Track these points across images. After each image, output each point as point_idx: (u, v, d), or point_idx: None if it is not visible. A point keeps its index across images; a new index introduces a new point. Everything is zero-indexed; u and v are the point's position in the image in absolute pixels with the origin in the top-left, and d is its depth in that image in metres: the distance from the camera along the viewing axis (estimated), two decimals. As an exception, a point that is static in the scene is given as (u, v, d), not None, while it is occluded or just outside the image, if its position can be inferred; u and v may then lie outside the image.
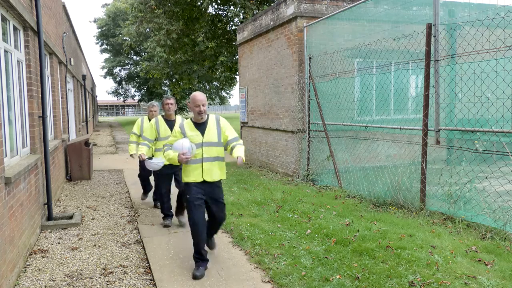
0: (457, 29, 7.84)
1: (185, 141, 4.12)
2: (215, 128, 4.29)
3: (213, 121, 4.32)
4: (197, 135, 4.23)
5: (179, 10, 17.98)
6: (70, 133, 11.77)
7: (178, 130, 4.31)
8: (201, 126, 4.27)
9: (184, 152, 4.07)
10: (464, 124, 5.79)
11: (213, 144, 4.23)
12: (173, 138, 4.36)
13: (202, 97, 4.21)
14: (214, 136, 4.25)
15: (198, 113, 4.20)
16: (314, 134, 8.98)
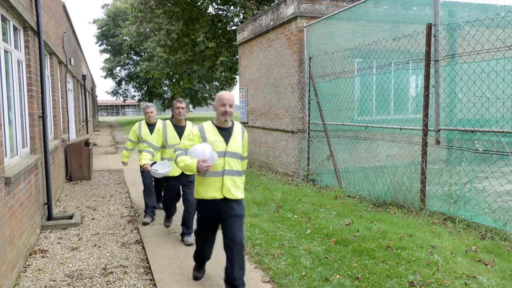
0: (457, 29, 7.84)
1: (207, 147, 3.42)
2: (240, 138, 3.62)
3: (238, 130, 3.65)
4: (220, 141, 3.51)
5: (179, 10, 17.99)
6: (70, 133, 11.77)
7: (197, 133, 3.58)
8: (225, 132, 3.57)
9: (205, 159, 3.34)
10: (464, 124, 5.79)
11: (237, 155, 3.55)
12: (189, 141, 3.61)
13: (230, 96, 3.53)
14: (238, 147, 3.57)
15: (222, 114, 3.49)
16: (314, 134, 8.98)
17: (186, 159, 3.48)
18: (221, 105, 3.49)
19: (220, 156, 3.48)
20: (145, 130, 6.24)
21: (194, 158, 3.41)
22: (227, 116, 3.49)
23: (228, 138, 3.55)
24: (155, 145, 5.28)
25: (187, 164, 3.44)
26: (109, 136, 24.66)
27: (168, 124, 5.23)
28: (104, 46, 46.22)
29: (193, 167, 3.40)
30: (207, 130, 3.58)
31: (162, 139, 5.25)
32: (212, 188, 3.52)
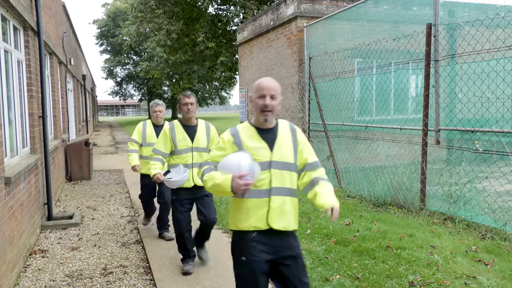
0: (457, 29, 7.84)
1: (244, 157, 2.41)
2: (290, 141, 2.57)
3: (286, 130, 2.61)
4: (263, 148, 2.50)
5: (179, 10, 18.00)
6: (70, 133, 11.77)
7: (229, 139, 2.55)
8: (268, 135, 2.55)
9: (242, 174, 2.32)
10: (464, 124, 5.79)
11: (288, 166, 2.52)
12: (219, 151, 2.58)
13: (271, 83, 2.54)
14: (289, 154, 2.54)
15: (261, 110, 2.48)
16: (314, 134, 8.97)
17: (215, 176, 2.42)
18: (259, 96, 2.48)
19: (264, 169, 2.45)
20: (151, 132, 5.47)
21: (227, 174, 2.38)
22: (267, 113, 2.47)
23: (272, 142, 2.53)
24: (163, 151, 4.23)
25: (218, 183, 2.38)
26: (109, 136, 24.67)
27: (176, 125, 4.22)
28: (104, 46, 46.24)
29: (226, 185, 2.33)
30: (244, 134, 2.55)
31: (170, 143, 4.20)
32: (253, 214, 2.47)
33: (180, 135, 4.18)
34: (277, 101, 2.54)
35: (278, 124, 2.63)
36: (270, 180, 2.47)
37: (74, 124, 13.79)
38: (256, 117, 2.56)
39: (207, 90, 43.63)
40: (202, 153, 4.19)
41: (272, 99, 2.50)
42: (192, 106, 4.16)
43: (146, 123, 5.55)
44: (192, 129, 4.23)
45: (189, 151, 4.18)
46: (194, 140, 4.19)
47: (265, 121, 2.51)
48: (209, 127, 4.31)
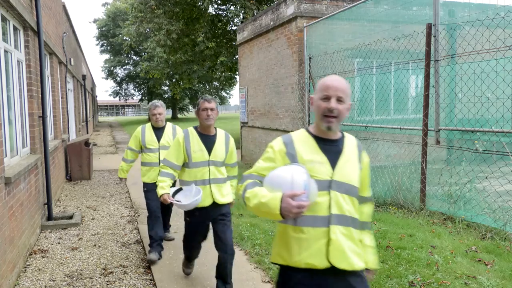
0: (457, 29, 7.84)
1: (299, 171, 1.89)
2: (356, 160, 2.07)
3: (353, 145, 2.10)
4: (322, 163, 1.99)
5: (179, 10, 18.00)
6: (70, 133, 11.77)
7: (280, 148, 2.04)
8: (330, 147, 2.03)
9: (296, 193, 1.79)
10: (464, 124, 5.79)
11: (350, 189, 2.00)
12: (266, 163, 2.07)
13: (338, 82, 1.98)
14: (353, 175, 2.03)
15: (324, 116, 1.96)
16: (314, 134, 8.97)
17: (261, 192, 1.90)
18: (323, 98, 1.96)
19: (323, 189, 1.93)
20: (151, 136, 4.86)
21: (276, 191, 1.85)
22: (331, 119, 1.95)
23: (336, 156, 2.00)
24: (174, 163, 3.64)
25: (263, 202, 1.85)
26: (109, 136, 24.67)
27: (191, 133, 3.65)
28: (104, 46, 46.25)
29: (274, 206, 1.80)
30: (299, 144, 2.03)
31: (183, 154, 3.61)
32: (309, 248, 1.93)
33: (195, 145, 3.60)
34: (345, 106, 1.97)
35: (345, 136, 2.10)
36: (329, 204, 1.94)
37: (74, 124, 13.80)
38: (316, 124, 2.03)
39: (207, 90, 43.63)
40: (219, 167, 3.65)
41: (339, 102, 1.95)
42: (212, 113, 3.55)
43: (145, 127, 4.95)
44: (210, 139, 3.63)
45: (206, 164, 3.58)
46: (211, 152, 3.58)
47: (328, 130, 1.98)
48: (228, 139, 3.74)
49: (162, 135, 4.87)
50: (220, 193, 3.66)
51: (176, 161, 3.64)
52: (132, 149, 4.99)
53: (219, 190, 3.66)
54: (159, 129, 4.90)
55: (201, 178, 3.60)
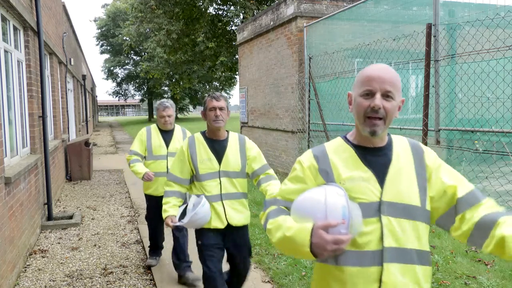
0: (457, 29, 7.84)
1: (334, 193, 1.45)
2: (413, 171, 1.56)
3: (403, 147, 1.62)
4: (368, 180, 1.52)
5: (179, 10, 18.00)
6: (70, 133, 11.78)
7: (310, 164, 1.60)
8: (376, 158, 1.57)
9: (331, 223, 1.37)
10: (464, 124, 5.79)
11: (408, 211, 1.51)
12: (294, 184, 1.63)
13: (387, 73, 1.53)
14: (410, 191, 1.53)
15: (365, 117, 1.51)
16: (314, 134, 8.98)
17: (286, 224, 1.50)
18: (364, 93, 1.51)
19: (371, 215, 1.48)
20: (158, 141, 4.13)
21: (306, 220, 1.44)
22: (376, 122, 1.49)
23: (384, 169, 1.53)
24: (180, 177, 3.00)
25: (289, 235, 1.45)
26: (109, 136, 24.67)
27: (197, 140, 3.00)
28: (104, 46, 46.26)
29: (303, 241, 1.40)
30: (336, 156, 1.58)
31: (189, 165, 2.97)
32: None
33: (202, 153, 2.94)
34: (395, 103, 1.53)
35: (393, 140, 1.61)
36: (381, 235, 1.46)
37: (74, 124, 13.80)
38: (357, 129, 1.56)
39: (207, 90, 43.64)
40: (234, 179, 2.95)
41: (386, 98, 1.49)
42: (222, 113, 2.89)
43: (151, 129, 4.22)
44: (220, 145, 2.96)
45: (215, 176, 2.91)
46: (222, 161, 2.93)
47: (372, 135, 1.49)
48: (244, 143, 3.03)
49: (171, 140, 4.15)
50: (234, 211, 2.94)
51: (180, 174, 2.98)
52: (137, 153, 4.17)
53: (233, 207, 2.94)
54: (167, 132, 4.18)
55: (211, 193, 2.91)
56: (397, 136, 1.66)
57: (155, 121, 5.37)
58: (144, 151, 4.19)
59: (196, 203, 2.83)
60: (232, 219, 2.93)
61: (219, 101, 2.89)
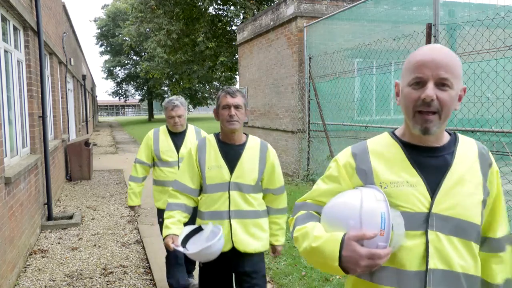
0: (457, 29, 7.85)
1: (371, 198, 1.24)
2: (475, 175, 1.31)
3: (469, 150, 1.34)
4: (416, 186, 1.27)
5: (179, 10, 18.01)
6: (70, 133, 11.78)
7: (346, 162, 1.40)
8: (430, 158, 1.30)
9: (367, 234, 1.16)
10: (464, 124, 5.79)
11: (462, 229, 1.26)
12: (326, 183, 1.43)
13: (441, 56, 1.21)
14: (469, 201, 1.27)
15: (414, 112, 1.25)
16: (314, 134, 8.98)
17: (313, 232, 1.30)
18: (414, 81, 1.25)
19: (416, 227, 1.26)
20: (167, 145, 3.58)
21: (337, 229, 1.25)
22: (428, 117, 1.23)
23: (439, 174, 1.29)
24: (189, 186, 2.48)
25: (315, 246, 1.26)
26: (109, 136, 24.67)
27: (208, 143, 2.50)
28: (104, 46, 46.27)
29: (332, 253, 1.21)
30: (377, 154, 1.37)
31: (199, 173, 2.48)
32: None
33: (212, 159, 2.43)
34: (453, 93, 1.23)
35: (458, 141, 1.34)
36: (425, 252, 1.23)
37: (74, 124, 13.80)
38: (406, 125, 1.33)
39: (207, 90, 43.66)
40: (247, 194, 2.41)
41: (441, 87, 1.22)
42: (238, 112, 2.37)
43: (159, 132, 3.65)
44: (235, 150, 2.44)
45: (224, 188, 2.40)
46: (235, 170, 2.40)
47: (425, 133, 1.25)
48: (266, 150, 2.49)
49: (182, 143, 3.58)
50: (246, 235, 2.40)
51: (190, 182, 2.46)
52: (142, 162, 3.63)
53: (245, 229, 2.40)
54: (178, 134, 3.62)
55: (217, 209, 2.41)
56: (465, 137, 1.37)
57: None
58: (151, 159, 3.63)
59: (211, 235, 2.30)
60: (240, 243, 2.38)
61: (234, 97, 2.38)
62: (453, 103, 1.24)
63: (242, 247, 2.39)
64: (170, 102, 3.53)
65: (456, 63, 1.23)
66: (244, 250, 2.39)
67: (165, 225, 2.42)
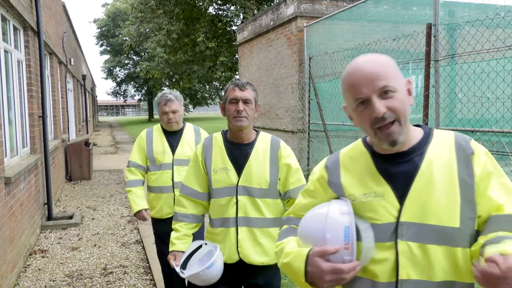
0: (457, 29, 7.85)
1: (335, 211, 1.22)
2: (449, 174, 1.19)
3: (441, 147, 1.23)
4: (383, 195, 1.22)
5: (179, 10, 18.02)
6: (70, 133, 11.78)
7: (320, 175, 1.38)
8: (398, 165, 1.23)
9: (328, 249, 1.15)
10: (464, 124, 5.79)
11: (439, 235, 1.16)
12: (305, 197, 1.43)
13: (371, 66, 1.19)
14: (442, 205, 1.17)
15: (375, 130, 1.19)
16: (314, 134, 8.98)
17: (286, 248, 1.32)
18: (357, 104, 1.21)
19: (382, 239, 1.20)
20: (161, 146, 3.17)
21: (307, 243, 1.25)
22: (389, 130, 1.17)
23: (407, 181, 1.21)
24: (197, 190, 2.26)
25: (285, 262, 1.29)
26: (109, 136, 24.67)
27: (215, 142, 2.25)
28: (104, 46, 46.27)
29: (298, 270, 1.22)
30: (347, 165, 1.34)
31: (205, 175, 2.25)
32: None
33: (218, 160, 2.19)
34: (400, 93, 1.19)
35: (429, 140, 1.25)
36: (396, 264, 1.18)
37: (74, 124, 13.80)
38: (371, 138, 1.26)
39: (207, 90, 43.66)
40: (258, 199, 2.15)
41: (384, 96, 1.17)
42: (247, 107, 2.11)
43: (153, 131, 3.25)
44: (243, 150, 2.18)
45: (232, 192, 2.15)
46: (243, 172, 2.15)
47: (393, 145, 1.19)
48: (277, 148, 2.20)
49: (178, 143, 3.19)
50: (253, 245, 2.14)
51: (198, 186, 2.24)
52: (138, 166, 3.23)
53: (252, 238, 2.15)
54: (174, 133, 3.22)
55: (225, 215, 2.17)
56: (442, 132, 1.26)
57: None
58: (145, 160, 3.22)
59: (206, 258, 2.12)
60: (247, 254, 2.13)
61: (243, 90, 2.11)
62: (406, 103, 1.20)
63: (250, 259, 2.13)
64: (163, 97, 3.13)
65: (386, 65, 1.19)
66: (250, 262, 2.13)
67: (171, 241, 2.24)
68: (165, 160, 3.14)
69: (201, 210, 2.28)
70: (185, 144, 3.19)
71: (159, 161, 3.15)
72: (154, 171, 3.19)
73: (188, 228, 2.24)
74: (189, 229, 2.24)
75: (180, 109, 3.16)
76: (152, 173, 3.21)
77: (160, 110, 3.16)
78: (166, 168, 3.15)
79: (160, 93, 3.20)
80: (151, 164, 3.20)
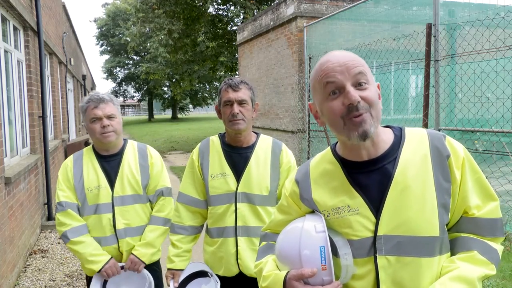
0: (457, 29, 7.85)
1: (310, 229, 1.14)
2: (430, 186, 1.12)
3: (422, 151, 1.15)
4: (358, 209, 1.15)
5: (180, 10, 18.02)
6: (70, 133, 11.78)
7: (292, 190, 1.30)
8: (370, 174, 1.15)
9: (305, 272, 1.10)
10: (464, 124, 5.80)
11: (418, 246, 1.11)
12: (280, 213, 1.35)
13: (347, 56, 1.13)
14: (421, 213, 1.11)
15: (345, 121, 1.10)
16: (314, 134, 8.98)
17: (264, 270, 1.26)
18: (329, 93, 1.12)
19: (360, 255, 1.15)
20: (93, 176, 2.23)
21: (284, 265, 1.19)
22: (360, 118, 1.08)
23: (382, 191, 1.14)
24: (196, 198, 2.12)
25: (264, 286, 1.23)
26: (109, 136, 24.63)
27: (212, 145, 2.10)
28: (104, 46, 46.27)
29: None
30: (317, 178, 1.25)
31: (202, 180, 2.09)
32: None
33: (216, 165, 2.04)
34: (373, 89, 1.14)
35: (402, 143, 1.17)
36: (376, 279, 1.13)
37: (74, 124, 13.80)
38: (340, 141, 1.21)
39: (207, 90, 43.67)
40: (259, 207, 2.00)
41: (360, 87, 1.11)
42: (243, 109, 1.95)
43: (82, 156, 2.29)
44: (242, 154, 2.03)
45: (231, 200, 2.01)
46: (241, 178, 2.00)
47: (365, 138, 1.10)
48: (279, 151, 2.06)
49: (118, 171, 2.26)
50: (253, 256, 1.97)
51: (196, 193, 2.08)
52: (70, 206, 2.21)
53: (254, 249, 2.00)
54: (111, 157, 2.29)
55: (223, 224, 2.02)
56: (414, 133, 1.18)
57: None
58: (75, 197, 2.23)
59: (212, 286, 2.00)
60: (248, 266, 1.98)
61: (237, 91, 1.94)
62: (378, 100, 1.11)
63: (249, 271, 1.97)
64: (90, 99, 2.18)
65: (362, 60, 1.13)
66: (251, 274, 1.97)
67: (168, 257, 2.06)
68: (101, 199, 2.21)
69: (200, 221, 2.12)
70: (125, 171, 2.26)
71: (91, 201, 2.21)
72: (87, 215, 2.24)
73: (187, 242, 2.08)
74: (188, 243, 2.08)
75: (118, 114, 2.24)
76: (84, 218, 2.24)
77: (88, 118, 2.18)
78: (104, 211, 2.22)
79: (86, 97, 2.23)
80: (81, 204, 2.23)
